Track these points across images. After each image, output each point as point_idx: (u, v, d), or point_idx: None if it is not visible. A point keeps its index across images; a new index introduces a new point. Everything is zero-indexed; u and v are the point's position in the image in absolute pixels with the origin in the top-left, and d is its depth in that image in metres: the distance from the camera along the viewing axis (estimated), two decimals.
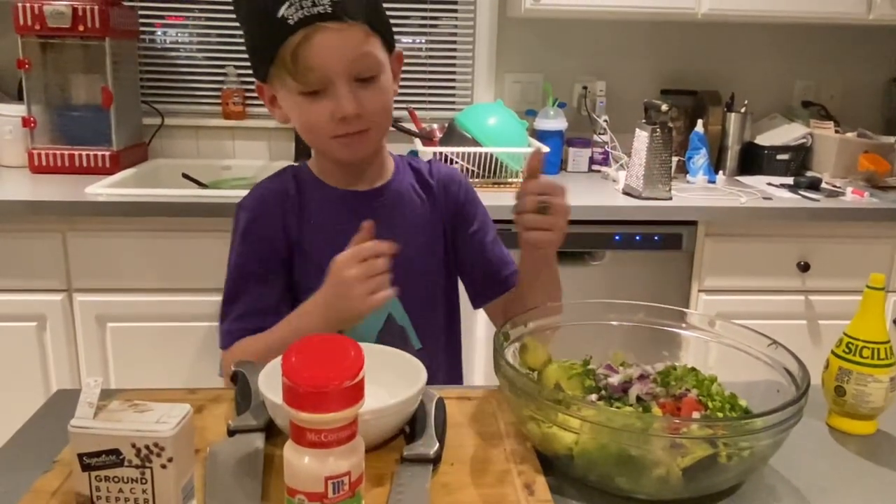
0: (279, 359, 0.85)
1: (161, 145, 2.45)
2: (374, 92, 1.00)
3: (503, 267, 1.18)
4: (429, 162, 1.20)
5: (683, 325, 0.93)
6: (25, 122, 2.11)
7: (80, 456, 0.62)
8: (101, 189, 1.90)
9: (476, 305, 1.21)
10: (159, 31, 2.46)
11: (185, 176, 2.19)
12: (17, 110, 2.14)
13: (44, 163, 2.12)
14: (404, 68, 1.12)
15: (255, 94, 2.45)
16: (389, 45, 1.04)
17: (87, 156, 2.12)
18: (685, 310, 0.94)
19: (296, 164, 1.16)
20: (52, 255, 1.85)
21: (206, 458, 0.75)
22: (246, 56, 1.06)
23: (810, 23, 2.39)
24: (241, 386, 0.87)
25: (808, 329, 2.08)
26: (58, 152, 2.12)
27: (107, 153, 2.13)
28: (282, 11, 0.94)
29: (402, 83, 1.11)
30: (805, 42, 2.58)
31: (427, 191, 1.15)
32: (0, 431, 0.85)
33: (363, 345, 0.63)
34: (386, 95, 1.02)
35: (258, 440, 0.78)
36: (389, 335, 1.07)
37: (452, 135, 2.14)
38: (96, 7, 2.02)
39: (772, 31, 2.55)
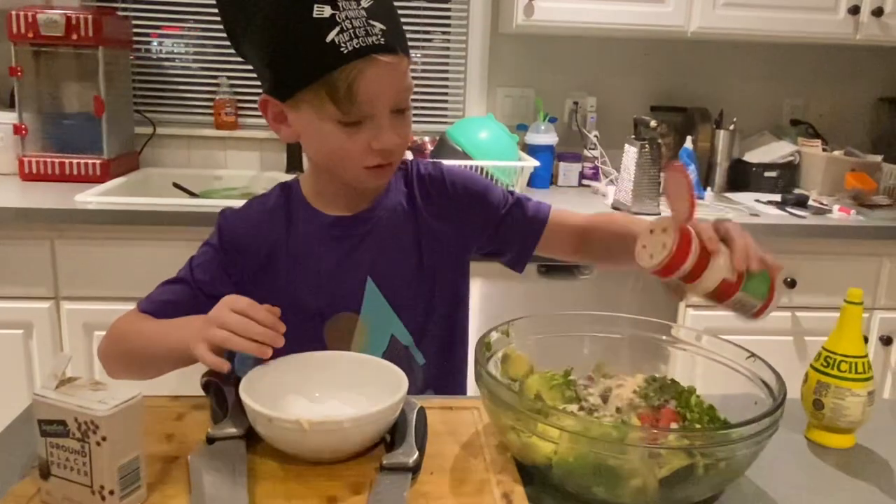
0: (263, 366, 0.85)
1: (152, 154, 2.45)
2: (406, 123, 1.00)
3: (522, 217, 1.12)
4: (410, 165, 1.14)
5: (665, 337, 0.94)
6: (17, 129, 2.11)
7: (39, 422, 0.70)
8: (90, 197, 1.90)
9: (521, 269, 1.15)
10: (154, 42, 2.47)
11: (176, 185, 2.19)
12: (9, 118, 2.14)
13: (34, 170, 2.12)
14: None
15: (247, 105, 2.47)
16: None
17: (78, 164, 2.12)
18: (668, 322, 0.95)
19: (286, 181, 1.12)
20: (40, 262, 1.85)
21: (189, 465, 0.76)
22: (240, 67, 1.03)
23: (799, 42, 2.42)
24: (216, 395, 0.87)
25: (795, 345, 2.08)
26: (48, 160, 2.12)
27: (98, 161, 2.13)
28: (332, 36, 0.89)
29: None
30: (794, 61, 2.60)
31: (413, 204, 1.10)
32: None
33: (345, 353, 0.64)
34: (411, 125, 1.03)
35: (240, 448, 0.78)
36: (394, 355, 1.04)
37: (443, 148, 2.16)
38: (90, 16, 2.03)
39: (761, 50, 2.57)
